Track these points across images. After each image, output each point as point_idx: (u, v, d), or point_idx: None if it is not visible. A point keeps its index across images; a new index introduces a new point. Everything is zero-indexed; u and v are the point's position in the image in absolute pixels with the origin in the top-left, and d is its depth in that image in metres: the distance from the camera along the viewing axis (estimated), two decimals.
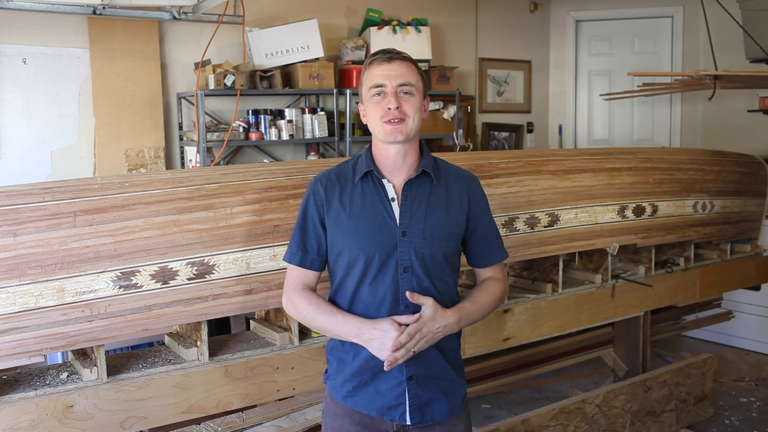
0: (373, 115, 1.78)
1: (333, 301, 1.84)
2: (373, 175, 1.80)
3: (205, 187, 2.15)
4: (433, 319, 1.72)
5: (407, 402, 1.78)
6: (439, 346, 1.80)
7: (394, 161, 1.79)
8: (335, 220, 1.79)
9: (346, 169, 1.85)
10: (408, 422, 1.78)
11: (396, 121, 1.74)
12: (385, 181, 1.80)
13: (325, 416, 1.89)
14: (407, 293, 1.72)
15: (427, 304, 1.73)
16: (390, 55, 1.77)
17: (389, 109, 1.74)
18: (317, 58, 4.61)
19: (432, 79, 5.14)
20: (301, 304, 1.81)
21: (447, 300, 1.81)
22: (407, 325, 1.71)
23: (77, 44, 4.13)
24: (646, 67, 6.00)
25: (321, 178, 1.85)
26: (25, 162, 4.04)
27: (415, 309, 1.75)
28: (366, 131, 4.93)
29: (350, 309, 1.79)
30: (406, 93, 1.76)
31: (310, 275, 1.85)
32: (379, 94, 1.76)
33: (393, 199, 1.79)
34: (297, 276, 1.85)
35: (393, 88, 1.75)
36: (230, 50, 4.60)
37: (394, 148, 1.78)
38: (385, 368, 1.71)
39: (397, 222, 1.76)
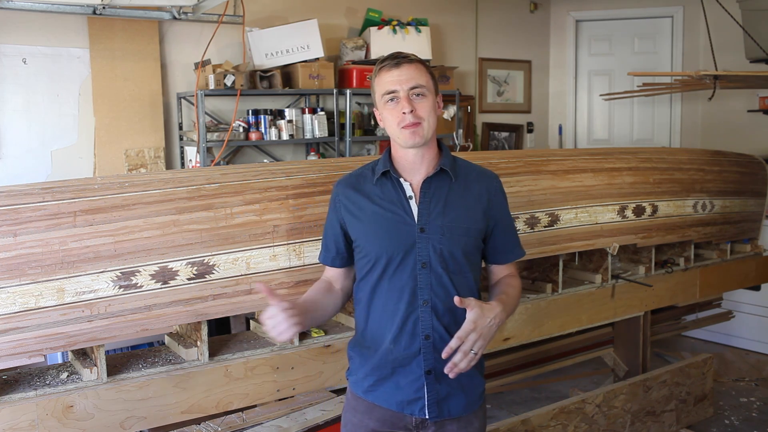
0: (389, 121, 1.81)
1: (356, 293, 1.90)
2: (390, 175, 1.84)
3: (205, 187, 2.15)
4: (482, 315, 1.69)
5: (426, 396, 1.80)
6: None
7: (413, 162, 1.83)
8: (356, 220, 1.84)
9: (366, 171, 1.90)
10: (426, 416, 1.81)
11: (413, 125, 1.76)
12: (402, 180, 1.83)
13: (345, 411, 1.94)
14: (455, 298, 1.69)
15: (471, 304, 1.69)
16: (398, 60, 1.79)
17: (404, 113, 1.76)
18: (317, 58, 4.61)
19: None
20: None
21: (466, 296, 1.78)
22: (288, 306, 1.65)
23: (77, 44, 4.13)
24: (646, 67, 6.00)
25: (342, 180, 1.92)
26: (25, 162, 4.04)
27: (433, 304, 1.77)
28: (366, 131, 4.95)
29: (370, 302, 1.84)
30: (418, 95, 1.78)
31: (333, 272, 1.96)
32: (392, 100, 1.79)
33: (411, 197, 1.82)
34: (325, 272, 1.98)
35: (405, 93, 1.77)
36: (230, 50, 4.60)
37: (413, 151, 1.82)
38: (450, 376, 1.69)
39: (415, 219, 1.79)
